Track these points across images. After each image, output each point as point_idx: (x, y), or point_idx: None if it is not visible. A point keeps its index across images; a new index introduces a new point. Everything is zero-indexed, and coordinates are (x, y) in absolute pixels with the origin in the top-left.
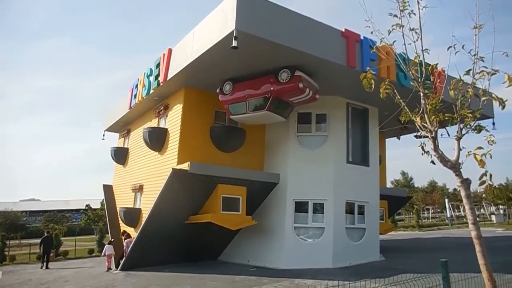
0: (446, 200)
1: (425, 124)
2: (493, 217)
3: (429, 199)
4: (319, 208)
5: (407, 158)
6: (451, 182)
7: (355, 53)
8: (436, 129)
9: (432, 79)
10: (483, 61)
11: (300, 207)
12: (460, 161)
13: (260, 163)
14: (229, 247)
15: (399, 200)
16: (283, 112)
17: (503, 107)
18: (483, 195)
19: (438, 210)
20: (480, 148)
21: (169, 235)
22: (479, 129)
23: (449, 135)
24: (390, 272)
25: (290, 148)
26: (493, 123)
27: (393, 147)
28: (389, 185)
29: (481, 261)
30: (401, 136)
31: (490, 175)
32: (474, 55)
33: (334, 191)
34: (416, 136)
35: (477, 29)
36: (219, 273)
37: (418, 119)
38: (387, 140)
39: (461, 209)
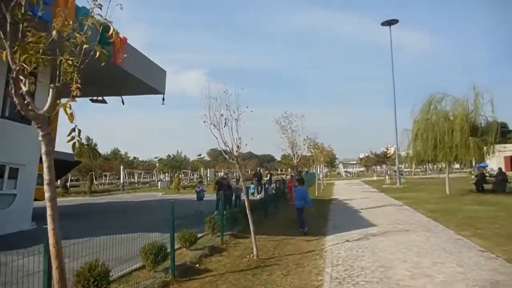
0: (121, 167)
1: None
2: (159, 183)
3: (107, 166)
4: None
5: (95, 124)
6: (133, 151)
7: None
8: (17, 67)
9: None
10: (101, 8)
11: None
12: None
13: None
14: None
15: (66, 165)
16: None
17: (104, 61)
18: (157, 164)
19: (117, 177)
20: (73, 100)
21: None
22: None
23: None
24: (28, 242)
25: None
26: (163, 99)
27: (83, 111)
28: (67, 149)
29: (50, 226)
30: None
31: (79, 131)
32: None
33: None
34: (91, 100)
35: None
36: None
37: (4, 54)
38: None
39: (136, 176)
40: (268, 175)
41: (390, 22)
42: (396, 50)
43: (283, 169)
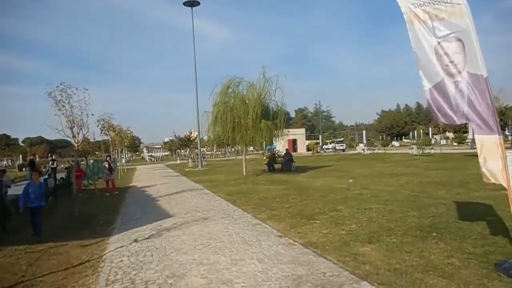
0: None
1: None
2: None
3: None
4: None
5: None
6: None
7: None
8: None
9: None
10: None
11: None
12: None
13: None
14: None
15: None
16: None
17: None
18: None
19: None
20: None
21: None
22: None
23: None
24: None
25: None
26: None
27: None
28: None
29: None
30: None
31: None
32: None
33: None
34: None
35: None
36: None
37: None
38: None
39: None
40: (51, 162)
41: (192, 3)
42: (201, 38)
43: (80, 155)
